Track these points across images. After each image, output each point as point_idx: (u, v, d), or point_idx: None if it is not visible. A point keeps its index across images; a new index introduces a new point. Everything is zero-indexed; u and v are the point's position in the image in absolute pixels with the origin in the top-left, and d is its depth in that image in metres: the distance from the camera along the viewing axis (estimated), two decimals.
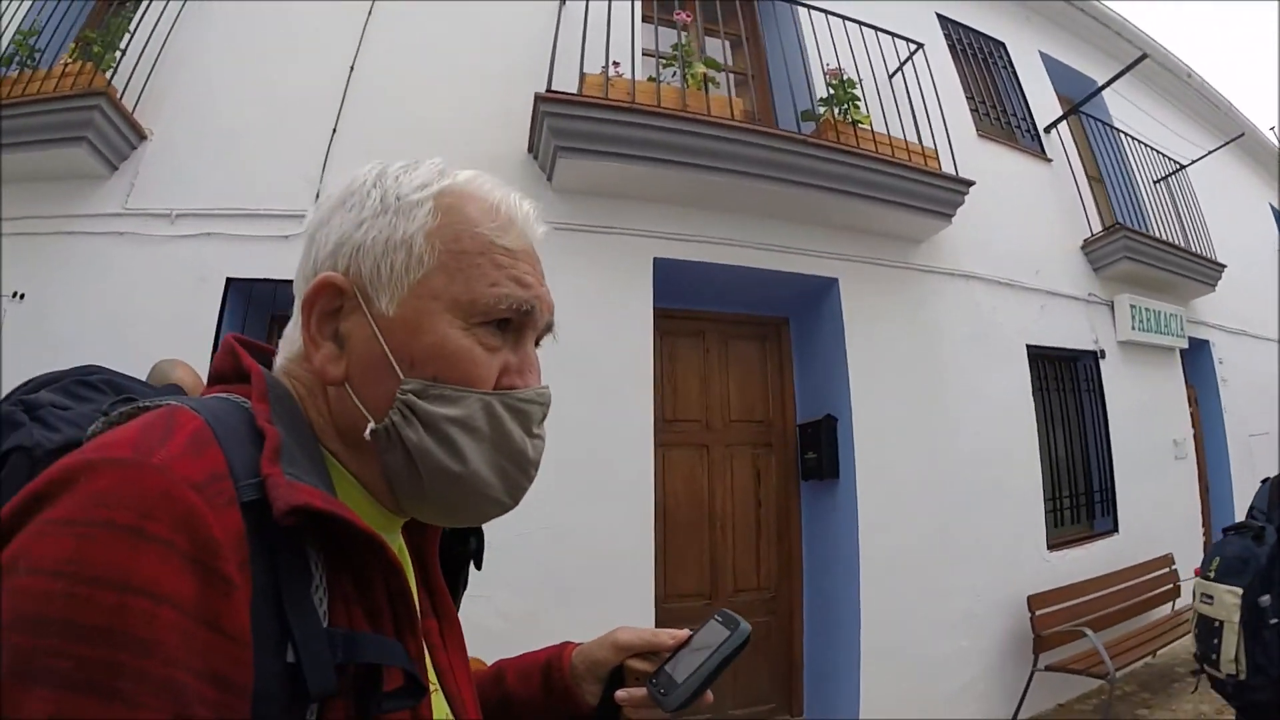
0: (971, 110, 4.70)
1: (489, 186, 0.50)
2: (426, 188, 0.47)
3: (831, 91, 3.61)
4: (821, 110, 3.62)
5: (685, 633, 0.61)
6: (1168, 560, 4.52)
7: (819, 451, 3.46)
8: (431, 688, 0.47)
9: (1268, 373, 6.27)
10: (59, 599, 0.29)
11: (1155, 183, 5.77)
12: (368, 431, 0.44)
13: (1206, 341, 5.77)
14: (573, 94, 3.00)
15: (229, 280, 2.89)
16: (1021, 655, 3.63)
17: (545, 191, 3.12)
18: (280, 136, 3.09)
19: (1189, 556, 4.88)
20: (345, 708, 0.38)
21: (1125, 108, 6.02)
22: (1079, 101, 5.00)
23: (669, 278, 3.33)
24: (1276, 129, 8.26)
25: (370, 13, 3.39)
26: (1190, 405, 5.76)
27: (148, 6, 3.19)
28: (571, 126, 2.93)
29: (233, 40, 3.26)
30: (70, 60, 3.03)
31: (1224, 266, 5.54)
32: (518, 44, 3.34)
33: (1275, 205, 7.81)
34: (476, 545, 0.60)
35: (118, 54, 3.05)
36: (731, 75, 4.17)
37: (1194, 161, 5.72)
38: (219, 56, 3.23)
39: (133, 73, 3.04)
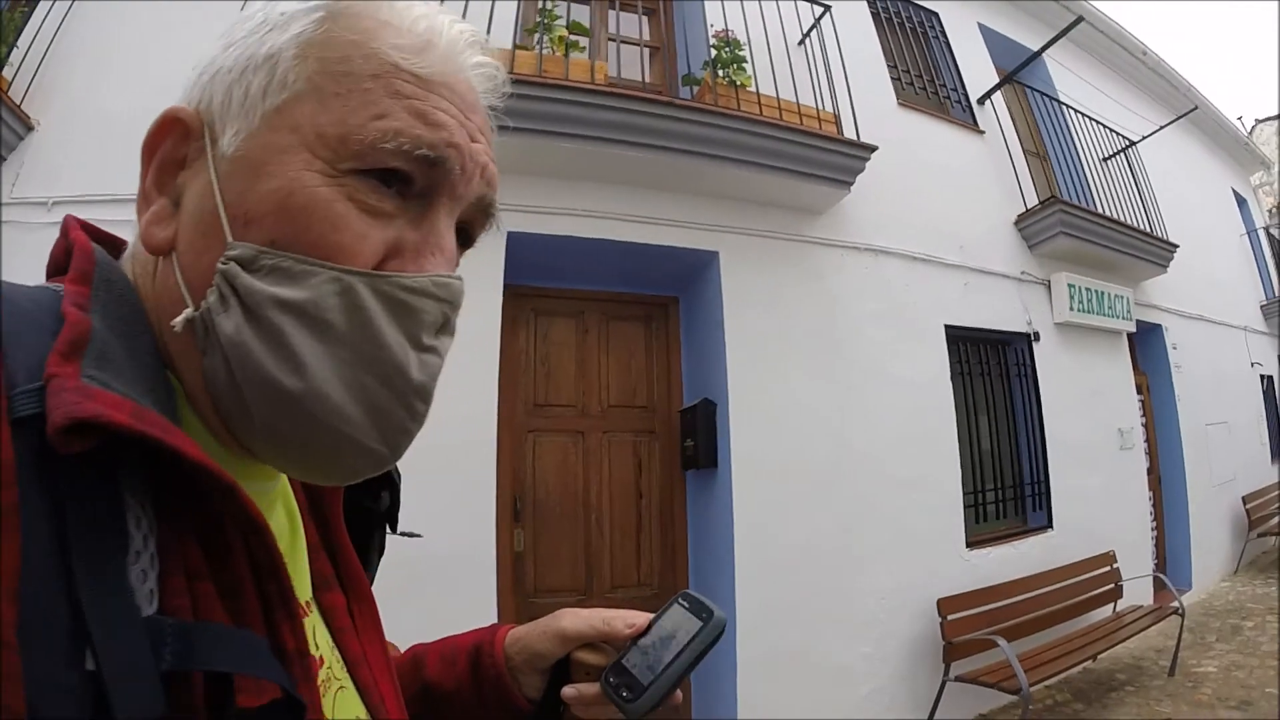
0: (894, 79, 4.38)
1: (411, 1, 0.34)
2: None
3: (715, 54, 3.30)
4: (703, 73, 3.31)
5: (644, 619, 0.51)
6: (1109, 558, 4.15)
7: (696, 439, 3.12)
8: (338, 684, 0.37)
9: (1226, 359, 5.91)
10: None
11: (1104, 160, 5.45)
12: (179, 321, 0.29)
13: (1159, 326, 5.41)
14: None
15: None
16: (934, 663, 3.27)
17: None
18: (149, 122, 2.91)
19: (1136, 553, 4.52)
20: None
21: (1074, 83, 5.69)
22: (1013, 70, 4.67)
23: (535, 254, 3.02)
24: (1244, 118, 7.96)
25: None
26: (1141, 393, 5.41)
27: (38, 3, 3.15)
28: None
29: (119, 29, 3.13)
30: None
31: (1176, 247, 5.19)
32: None
33: (1237, 189, 7.46)
34: (390, 501, 0.45)
35: (8, 50, 3.00)
36: (645, 49, 3.92)
37: (1145, 138, 5.38)
38: (106, 46, 3.11)
39: (20, 64, 2.97)
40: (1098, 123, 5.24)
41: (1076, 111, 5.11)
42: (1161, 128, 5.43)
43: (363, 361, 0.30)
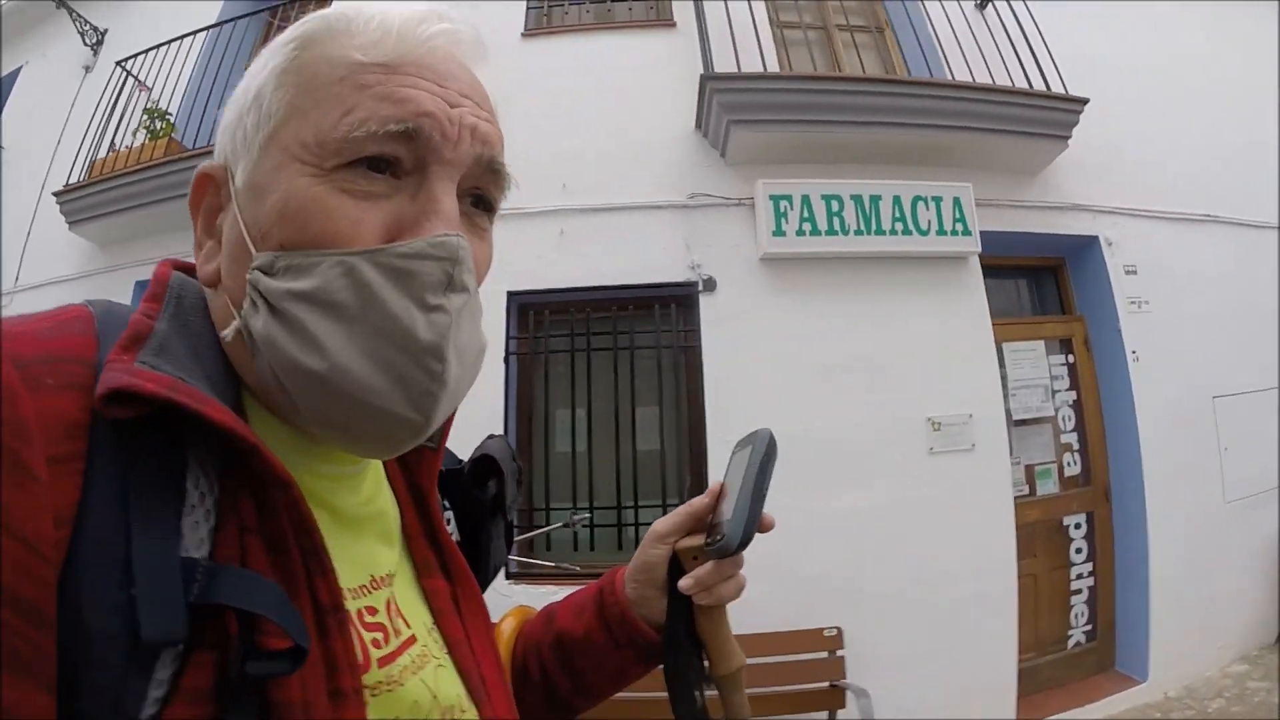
0: (533, 8, 3.42)
1: (362, 4, 0.35)
2: (292, 35, 0.35)
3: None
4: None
5: (716, 485, 0.51)
6: (825, 639, 2.29)
7: None
8: (436, 662, 0.37)
9: (1254, 283, 3.04)
10: None
11: (978, 7, 3.46)
12: (228, 331, 0.33)
13: (1094, 239, 3.03)
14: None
15: None
16: None
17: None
18: None
19: (954, 619, 2.48)
20: (218, 663, 0.27)
21: None
22: None
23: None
24: None
25: None
26: (1079, 349, 3.06)
27: None
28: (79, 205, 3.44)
29: None
30: None
31: (1081, 103, 2.91)
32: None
33: None
34: (497, 490, 0.46)
35: None
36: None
37: None
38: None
39: None
40: None
41: None
42: None
43: (376, 333, 0.30)
